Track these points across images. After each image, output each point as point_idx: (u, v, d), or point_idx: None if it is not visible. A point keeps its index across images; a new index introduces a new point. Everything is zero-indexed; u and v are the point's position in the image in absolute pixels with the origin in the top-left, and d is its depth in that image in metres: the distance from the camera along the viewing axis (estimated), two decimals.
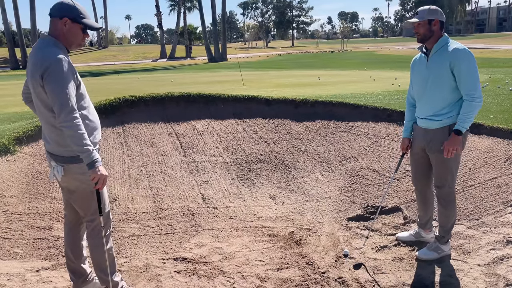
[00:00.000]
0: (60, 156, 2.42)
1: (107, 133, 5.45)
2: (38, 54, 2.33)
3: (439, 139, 3.20)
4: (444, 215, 3.36)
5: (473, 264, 3.28)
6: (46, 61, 2.28)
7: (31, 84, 2.38)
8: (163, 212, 4.27)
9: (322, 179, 5.02)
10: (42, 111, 2.40)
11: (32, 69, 2.34)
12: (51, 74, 2.26)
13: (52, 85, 2.26)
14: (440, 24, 3.16)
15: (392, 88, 9.85)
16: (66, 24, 2.38)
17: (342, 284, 3.11)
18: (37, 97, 2.36)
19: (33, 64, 2.34)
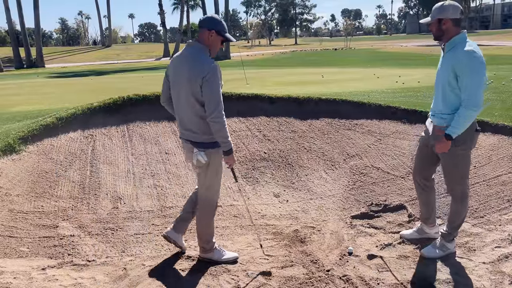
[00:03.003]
0: (202, 143, 2.95)
1: (112, 132, 5.47)
2: (197, 60, 2.82)
3: (441, 140, 3.14)
4: (455, 212, 3.34)
5: (478, 262, 3.27)
6: (207, 67, 2.78)
7: (187, 84, 2.82)
8: (167, 211, 4.28)
9: (326, 177, 5.02)
10: (193, 106, 2.86)
11: (190, 72, 2.81)
12: (210, 78, 2.77)
13: (210, 88, 2.78)
14: (453, 22, 3.07)
15: (396, 85, 9.83)
16: (212, 35, 2.89)
17: (346, 282, 3.11)
18: (192, 95, 2.83)
19: (191, 67, 2.81)
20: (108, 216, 4.08)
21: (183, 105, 2.93)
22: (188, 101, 2.88)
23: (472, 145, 3.20)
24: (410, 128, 5.69)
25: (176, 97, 2.99)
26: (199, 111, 2.88)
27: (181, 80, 2.88)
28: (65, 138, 5.14)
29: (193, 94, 2.84)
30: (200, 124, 2.91)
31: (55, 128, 5.14)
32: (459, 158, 3.18)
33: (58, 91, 12.18)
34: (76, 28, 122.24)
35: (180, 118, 3.03)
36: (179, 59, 2.93)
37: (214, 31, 2.89)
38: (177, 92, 2.95)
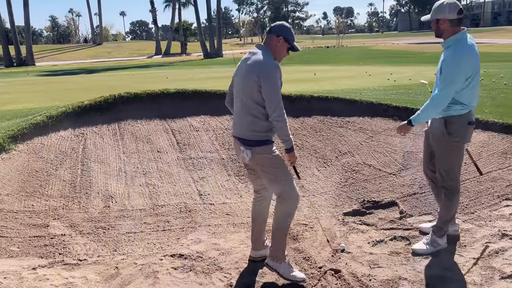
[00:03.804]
0: (250, 140, 2.89)
1: (103, 130, 5.43)
2: (258, 59, 2.81)
3: (437, 129, 3.26)
4: (444, 206, 3.39)
5: (469, 258, 3.30)
6: (266, 65, 2.78)
7: (244, 81, 2.83)
8: (159, 209, 4.27)
9: (318, 175, 5.03)
10: (250, 105, 2.83)
11: (249, 69, 2.81)
12: (269, 77, 2.76)
13: (269, 86, 2.76)
14: (450, 22, 3.11)
15: (387, 83, 9.88)
16: (280, 41, 2.90)
17: (339, 279, 3.12)
18: (248, 92, 2.82)
19: (251, 65, 2.82)
20: (99, 215, 4.05)
21: (238, 103, 2.96)
22: (243, 99, 2.89)
23: (466, 139, 3.26)
24: None
25: (234, 95, 3.04)
26: (254, 110, 2.85)
27: (240, 78, 2.92)
28: (55, 136, 5.09)
29: (249, 92, 2.83)
30: (253, 123, 2.88)
31: (45, 127, 5.09)
32: (452, 150, 3.24)
33: (49, 89, 12.06)
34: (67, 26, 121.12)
35: (236, 116, 3.04)
36: (244, 60, 2.95)
37: (282, 38, 2.90)
38: (236, 90, 3.00)
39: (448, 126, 3.17)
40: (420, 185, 4.49)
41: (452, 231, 3.62)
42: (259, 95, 2.79)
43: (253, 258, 3.32)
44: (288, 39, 2.92)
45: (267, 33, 2.98)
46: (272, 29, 2.95)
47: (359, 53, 30.18)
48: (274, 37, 2.91)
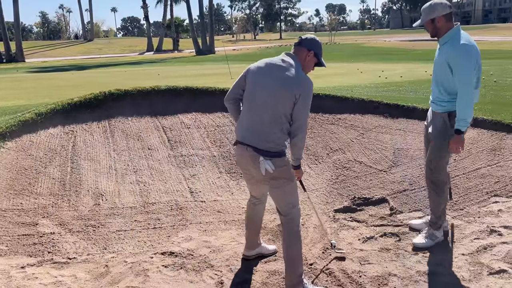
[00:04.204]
0: (269, 151, 2.73)
1: (93, 128, 5.38)
2: (297, 74, 2.69)
3: (439, 123, 3.32)
4: (432, 200, 3.49)
5: (458, 254, 3.34)
6: (307, 84, 2.71)
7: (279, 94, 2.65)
8: (150, 207, 4.24)
9: (309, 172, 5.04)
10: (281, 119, 2.69)
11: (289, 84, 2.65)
12: (307, 97, 2.70)
13: (305, 106, 2.69)
14: (445, 18, 3.19)
15: (379, 80, 9.92)
16: (309, 56, 2.80)
17: (329, 275, 3.13)
18: (280, 106, 2.66)
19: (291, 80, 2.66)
20: (89, 213, 4.02)
21: (263, 112, 2.70)
22: (273, 111, 2.68)
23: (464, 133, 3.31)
24: (392, 122, 5.75)
25: (257, 101, 2.74)
26: (280, 123, 2.70)
27: (273, 88, 2.68)
28: (44, 134, 5.04)
29: (282, 106, 2.67)
30: (275, 134, 2.71)
31: (34, 124, 5.04)
32: (442, 145, 3.31)
33: (38, 86, 11.93)
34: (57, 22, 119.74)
35: (253, 123, 2.75)
36: (276, 66, 2.74)
37: (312, 52, 2.81)
38: (261, 97, 2.71)
39: (451, 119, 3.25)
40: (410, 182, 4.52)
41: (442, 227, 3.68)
42: (290, 110, 2.67)
43: (247, 257, 3.30)
44: (318, 54, 2.83)
45: (296, 44, 2.84)
46: (303, 42, 2.83)
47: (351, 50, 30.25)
48: (305, 50, 2.80)
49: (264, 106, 2.69)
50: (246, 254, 3.31)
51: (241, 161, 2.89)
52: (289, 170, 2.83)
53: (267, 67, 2.76)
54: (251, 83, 2.80)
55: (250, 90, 2.80)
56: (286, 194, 2.85)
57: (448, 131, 3.29)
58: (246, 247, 3.31)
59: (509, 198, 4.03)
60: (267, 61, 2.80)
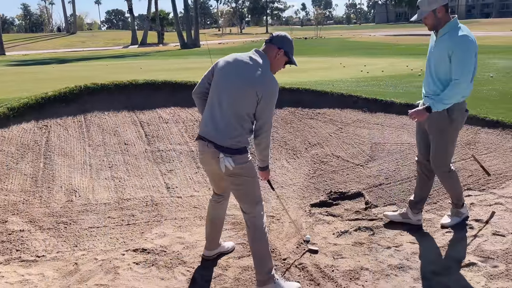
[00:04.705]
0: (230, 148, 2.65)
1: (68, 122, 5.27)
2: (264, 74, 2.63)
3: (437, 119, 3.30)
4: (448, 189, 3.61)
5: (429, 247, 3.37)
6: (272, 85, 2.64)
7: (244, 91, 2.59)
8: (125, 203, 4.18)
9: (287, 166, 5.04)
10: (243, 117, 2.63)
11: (255, 82, 2.59)
12: (272, 98, 2.64)
13: (269, 107, 2.65)
14: (444, 8, 3.20)
15: (360, 74, 9.96)
16: (279, 54, 2.73)
17: (302, 270, 3.14)
18: (245, 103, 2.61)
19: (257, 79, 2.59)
20: (61, 209, 3.95)
21: (225, 109, 2.64)
22: (235, 108, 2.63)
23: (461, 126, 3.41)
24: (370, 117, 5.78)
25: (219, 97, 2.67)
26: (242, 120, 2.64)
27: (236, 85, 2.62)
28: (17, 129, 4.92)
29: (244, 104, 2.61)
30: (239, 133, 2.65)
31: (6, 119, 4.91)
32: (452, 137, 3.38)
33: (18, 79, 11.64)
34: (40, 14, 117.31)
35: (215, 119, 2.68)
36: (243, 63, 2.66)
37: (283, 51, 2.73)
38: (224, 94, 2.65)
39: (450, 113, 3.26)
40: (386, 176, 4.55)
41: (415, 220, 3.73)
42: (253, 109, 2.61)
43: (207, 257, 3.23)
44: (288, 52, 2.76)
45: (267, 41, 2.76)
46: (274, 39, 2.75)
47: (336, 44, 30.31)
48: (275, 48, 2.72)
49: (226, 102, 2.64)
50: (206, 255, 3.24)
51: (202, 157, 2.83)
52: (250, 167, 2.75)
53: (234, 63, 2.69)
54: (216, 78, 2.74)
55: (214, 85, 2.74)
56: (248, 191, 2.79)
57: (446, 127, 3.30)
58: (206, 248, 3.23)
59: (482, 191, 4.09)
60: (235, 57, 2.73)
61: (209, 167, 2.83)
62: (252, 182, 2.77)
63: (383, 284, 2.95)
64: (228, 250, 3.39)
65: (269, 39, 2.78)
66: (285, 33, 2.81)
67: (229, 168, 2.64)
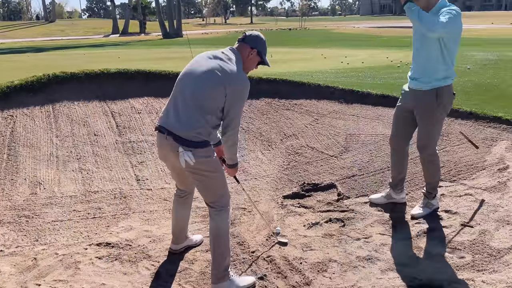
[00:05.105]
0: (192, 141, 2.54)
1: (35, 112, 5.09)
2: (236, 69, 2.56)
3: (427, 101, 3.33)
4: (428, 174, 3.61)
5: (398, 238, 3.36)
6: (243, 81, 2.56)
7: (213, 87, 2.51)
8: (92, 195, 4.06)
9: (262, 158, 4.97)
10: (208, 110, 2.53)
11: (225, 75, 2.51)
12: (238, 94, 2.55)
13: (236, 104, 2.56)
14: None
15: (340, 66, 9.93)
16: (252, 54, 2.68)
17: (270, 263, 3.09)
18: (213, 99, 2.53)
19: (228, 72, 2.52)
20: (24, 202, 3.80)
21: (190, 100, 2.53)
22: (201, 101, 2.51)
23: (449, 109, 3.44)
24: (347, 108, 5.75)
25: (187, 89, 2.57)
26: (206, 114, 2.53)
27: (203, 78, 2.53)
28: None
29: (211, 98, 2.52)
30: (200, 122, 2.53)
31: None
32: (439, 120, 3.40)
33: None
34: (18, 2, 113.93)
35: (178, 110, 2.57)
36: (214, 58, 2.60)
37: (256, 50, 2.68)
38: (193, 85, 2.55)
39: (439, 97, 3.29)
40: (359, 167, 4.53)
41: (399, 199, 3.85)
42: (221, 104, 2.53)
43: (173, 251, 3.16)
44: (261, 53, 2.70)
45: (240, 40, 2.71)
46: (247, 39, 2.69)
47: (320, 36, 30.26)
48: (248, 48, 2.67)
49: (191, 94, 2.54)
50: (173, 249, 3.16)
51: (160, 152, 2.74)
52: (213, 161, 2.65)
53: (205, 56, 2.65)
54: (184, 70, 2.69)
55: (180, 77, 2.68)
56: (211, 186, 2.71)
57: (435, 110, 3.33)
58: (173, 241, 3.15)
59: (453, 182, 4.10)
60: (209, 52, 2.68)
61: (168, 161, 2.75)
62: (216, 177, 2.68)
63: (350, 276, 2.92)
64: (196, 244, 3.32)
65: (242, 38, 2.72)
66: (258, 32, 2.75)
67: (190, 163, 2.53)
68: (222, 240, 2.73)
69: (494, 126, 4.79)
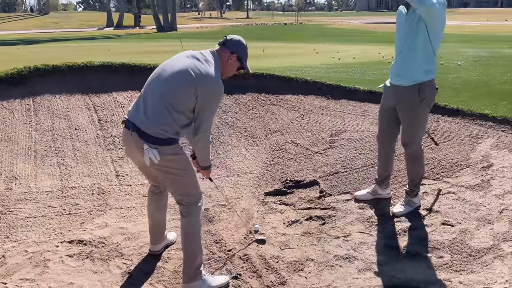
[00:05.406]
0: (158, 138, 2.45)
1: (14, 105, 4.98)
2: (212, 72, 2.48)
3: (409, 96, 3.29)
4: (412, 171, 3.57)
5: (378, 237, 3.31)
6: (218, 85, 2.49)
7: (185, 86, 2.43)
8: (69, 191, 3.97)
9: (245, 154, 4.90)
10: (177, 108, 2.44)
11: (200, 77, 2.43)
12: (209, 97, 2.48)
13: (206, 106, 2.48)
14: None
15: (331, 61, 9.83)
16: (231, 58, 2.62)
17: (246, 262, 3.03)
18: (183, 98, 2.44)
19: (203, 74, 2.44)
20: None
21: (160, 97, 2.44)
22: (171, 99, 2.43)
23: (432, 104, 3.39)
24: (333, 104, 5.68)
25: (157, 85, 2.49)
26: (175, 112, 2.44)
27: (179, 76, 2.45)
28: None
29: (181, 98, 2.44)
30: (167, 120, 2.44)
31: None
32: (422, 115, 3.36)
33: None
34: None
35: (147, 105, 2.47)
36: (191, 57, 2.52)
37: (235, 56, 2.62)
38: (164, 82, 2.47)
39: (421, 92, 3.25)
40: (343, 164, 4.47)
41: (385, 194, 3.83)
42: (191, 104, 2.45)
43: (153, 253, 3.06)
44: (241, 58, 2.65)
45: (220, 44, 2.65)
46: (227, 43, 2.62)
47: (314, 31, 30.10)
48: (228, 52, 2.61)
49: (161, 91, 2.46)
50: (153, 250, 3.07)
51: (125, 146, 2.66)
52: (181, 160, 2.56)
53: (184, 55, 2.58)
54: (161, 65, 2.62)
55: (154, 72, 2.60)
56: (180, 184, 2.63)
57: (417, 105, 3.29)
58: (151, 242, 3.06)
59: (436, 180, 4.05)
60: (188, 51, 2.61)
61: (134, 157, 2.67)
62: (185, 175, 2.60)
63: (326, 275, 2.87)
64: (172, 242, 3.25)
65: (223, 41, 2.65)
66: (239, 37, 2.68)
67: (154, 161, 2.45)
68: (193, 239, 2.66)
69: (480, 123, 4.74)
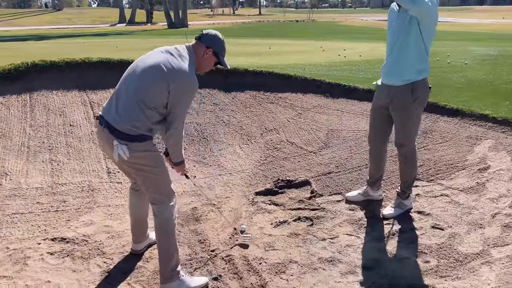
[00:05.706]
0: (128, 134, 2.41)
1: (11, 101, 5.00)
2: (181, 70, 2.42)
3: (402, 96, 3.23)
4: (405, 172, 3.50)
5: (366, 240, 3.23)
6: (191, 81, 2.45)
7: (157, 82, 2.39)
8: (59, 188, 3.97)
9: (239, 152, 4.85)
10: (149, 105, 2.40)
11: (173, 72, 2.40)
12: (180, 92, 2.42)
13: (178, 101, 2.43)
14: None
15: (337, 59, 9.71)
16: (207, 53, 2.57)
17: (228, 263, 2.98)
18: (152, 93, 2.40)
19: (172, 71, 2.40)
20: None
21: (133, 93, 2.41)
22: (143, 95, 2.39)
23: (425, 103, 3.32)
24: (332, 103, 5.58)
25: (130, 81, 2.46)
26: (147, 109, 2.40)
27: (152, 72, 2.41)
28: None
29: (153, 93, 2.40)
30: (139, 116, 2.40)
31: None
32: (415, 115, 3.29)
33: None
34: None
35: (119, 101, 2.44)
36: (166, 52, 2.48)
37: (211, 50, 2.57)
38: (137, 78, 2.43)
39: (414, 92, 3.19)
40: (337, 164, 4.38)
41: (376, 196, 3.75)
42: (164, 100, 2.41)
43: (136, 252, 3.03)
44: (217, 53, 2.60)
45: (196, 38, 2.60)
46: (203, 37, 2.58)
47: (325, 28, 29.83)
48: (203, 47, 2.56)
49: (134, 87, 2.42)
50: (134, 249, 3.03)
51: (99, 142, 2.69)
52: (151, 156, 2.53)
53: (158, 51, 2.54)
54: (135, 61, 2.58)
55: (129, 68, 2.57)
56: (152, 182, 2.59)
57: (410, 105, 3.23)
58: (134, 240, 3.02)
59: (430, 182, 3.95)
60: (163, 47, 2.57)
61: (108, 154, 2.65)
62: (156, 172, 2.57)
63: (308, 278, 2.81)
64: (155, 241, 3.21)
65: (198, 36, 2.61)
66: (216, 32, 2.64)
67: (123, 157, 2.42)
68: (167, 238, 2.62)
69: (480, 124, 4.60)
